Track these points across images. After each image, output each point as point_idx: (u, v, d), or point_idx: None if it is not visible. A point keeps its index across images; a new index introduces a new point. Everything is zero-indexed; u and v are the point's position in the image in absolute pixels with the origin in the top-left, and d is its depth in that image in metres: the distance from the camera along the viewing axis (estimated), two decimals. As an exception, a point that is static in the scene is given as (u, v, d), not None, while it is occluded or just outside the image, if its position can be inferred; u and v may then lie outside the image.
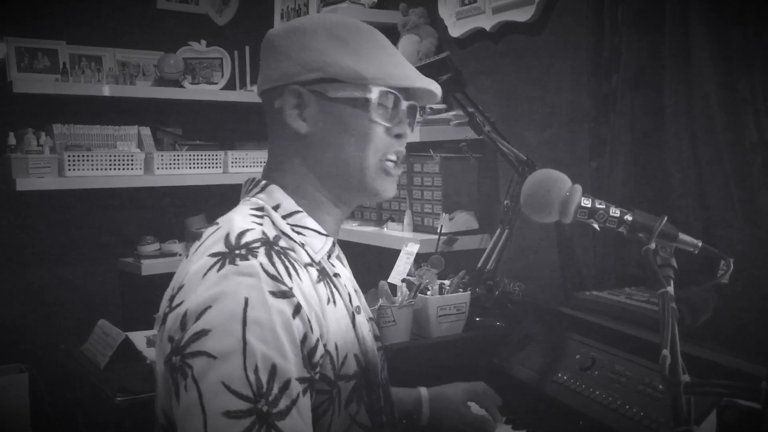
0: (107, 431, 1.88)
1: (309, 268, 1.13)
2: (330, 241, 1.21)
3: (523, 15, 2.30)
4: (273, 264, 1.05)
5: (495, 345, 1.84)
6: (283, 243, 1.10)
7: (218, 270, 1.03)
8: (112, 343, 1.90)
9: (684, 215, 1.74)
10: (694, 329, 1.37)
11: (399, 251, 2.15)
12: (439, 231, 2.35)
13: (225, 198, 3.36)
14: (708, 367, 1.26)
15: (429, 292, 1.95)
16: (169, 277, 1.13)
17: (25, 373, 2.81)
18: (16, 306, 3.04)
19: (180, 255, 3.18)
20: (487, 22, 2.43)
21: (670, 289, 0.98)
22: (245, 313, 0.99)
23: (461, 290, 1.99)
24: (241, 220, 1.12)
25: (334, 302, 1.15)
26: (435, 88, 1.22)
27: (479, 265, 2.11)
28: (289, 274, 1.06)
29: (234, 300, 0.99)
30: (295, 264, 1.09)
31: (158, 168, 3.13)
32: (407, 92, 1.20)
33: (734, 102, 1.66)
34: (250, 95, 3.42)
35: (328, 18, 1.23)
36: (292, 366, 1.00)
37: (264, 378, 0.97)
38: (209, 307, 0.99)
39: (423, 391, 1.51)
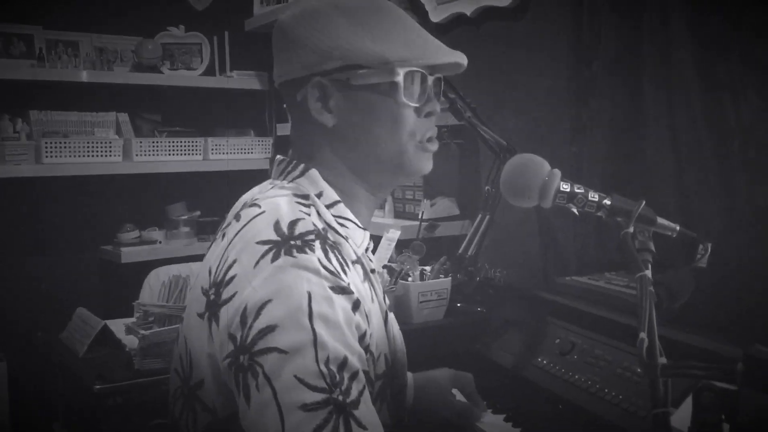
0: (86, 419, 1.86)
1: (356, 265, 1.11)
2: (368, 235, 1.18)
3: (503, 0, 2.29)
4: (329, 260, 1.02)
5: (476, 330, 1.84)
6: (331, 237, 1.07)
7: (272, 260, 0.99)
8: (90, 331, 1.88)
9: (663, 200, 1.75)
10: (671, 313, 1.38)
11: (380, 237, 2.15)
12: (420, 217, 2.35)
13: (205, 185, 3.39)
14: (685, 350, 1.27)
15: (410, 278, 1.95)
16: (148, 264, 1.12)
17: (3, 361, 2.78)
18: (-6, 294, 3.00)
19: (160, 242, 3.16)
20: (467, 7, 2.42)
21: (648, 272, 0.98)
22: (310, 306, 0.96)
23: (442, 276, 1.99)
24: (288, 206, 1.07)
25: (373, 300, 1.14)
26: (461, 58, 1.17)
27: (460, 251, 2.11)
28: (344, 271, 1.04)
29: (297, 293, 0.97)
30: (347, 260, 1.07)
31: (137, 155, 3.10)
32: (432, 66, 1.15)
33: (713, 87, 1.67)
34: (230, 81, 3.39)
35: (334, 2, 1.15)
36: (357, 360, 0.99)
37: (335, 369, 0.95)
38: (269, 301, 0.97)
39: (409, 375, 1.50)
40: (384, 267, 1.99)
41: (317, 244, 1.02)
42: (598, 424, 1.37)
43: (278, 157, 1.21)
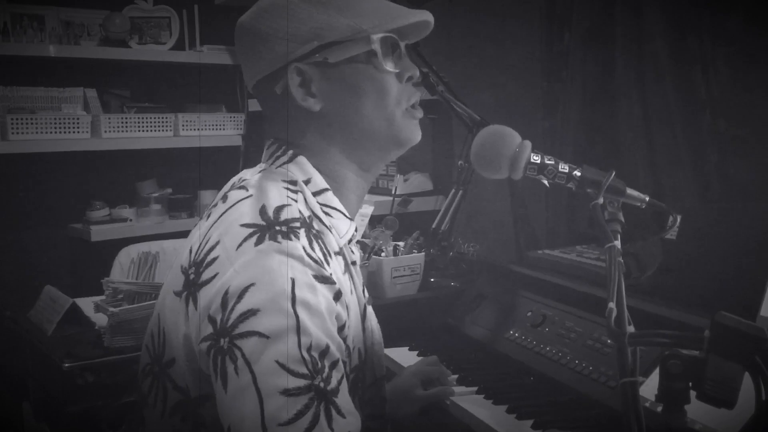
0: (56, 397, 1.85)
1: (337, 256, 1.09)
2: (353, 226, 1.16)
3: (476, -27, 2.28)
4: (313, 249, 1.01)
5: (449, 305, 1.85)
6: (316, 226, 1.06)
7: (256, 244, 0.98)
8: (59, 309, 1.85)
9: (634, 172, 1.76)
10: (640, 284, 1.39)
11: (353, 213, 2.14)
12: (393, 192, 2.35)
13: (177, 162, 3.34)
14: (654, 320, 1.29)
15: (383, 254, 1.94)
16: (119, 243, 1.09)
17: (-29, 341, 2.75)
18: (-39, 273, 2.95)
19: (130, 220, 3.11)
20: (440, -20, 2.40)
21: (617, 243, 0.98)
22: (293, 292, 0.95)
23: (416, 251, 1.99)
24: (275, 192, 1.06)
25: (352, 293, 1.12)
26: (428, 16, 1.15)
27: (433, 226, 2.11)
28: (327, 261, 1.03)
29: (281, 278, 0.95)
30: (329, 251, 1.06)
31: (105, 131, 3.04)
32: (401, 31, 1.13)
33: (683, 60, 1.68)
34: (200, 56, 3.33)
35: None
36: (337, 349, 0.98)
37: (317, 356, 0.94)
38: (252, 284, 0.95)
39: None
40: (357, 242, 1.98)
41: (302, 231, 1.01)
42: (568, 395, 1.38)
43: (268, 140, 1.19)
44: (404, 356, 1.69)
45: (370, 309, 1.22)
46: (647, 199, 1.11)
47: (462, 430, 1.38)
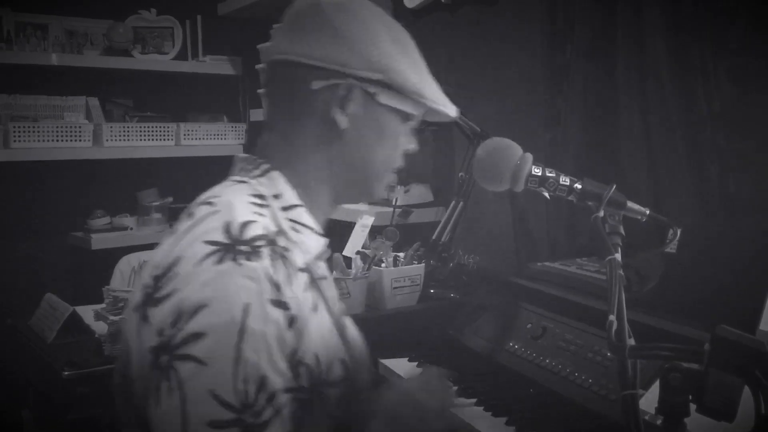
0: (56, 405, 1.84)
1: (301, 273, 1.07)
2: (325, 242, 1.16)
3: (478, -14, 2.29)
4: (275, 269, 1.00)
5: (449, 316, 1.85)
6: (282, 242, 1.04)
7: (217, 263, 0.96)
8: (59, 317, 1.86)
9: (635, 186, 1.77)
10: (641, 297, 1.39)
11: (354, 224, 2.14)
12: (394, 203, 2.35)
13: (178, 171, 3.35)
14: (654, 333, 1.29)
15: (383, 264, 1.95)
16: (120, 251, 1.09)
17: (-29, 349, 2.74)
18: (-38, 281, 2.95)
19: (131, 228, 3.12)
20: (442, -8, 2.41)
21: (618, 256, 0.98)
22: (244, 322, 0.94)
23: (416, 262, 1.99)
24: (242, 207, 1.04)
25: (317, 309, 1.10)
26: (456, 114, 1.21)
27: (434, 237, 2.11)
28: (289, 282, 1.02)
29: (234, 304, 0.94)
30: (292, 269, 1.04)
31: (107, 140, 3.05)
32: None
33: (685, 73, 1.68)
34: (202, 66, 3.35)
35: (380, 13, 1.16)
36: (279, 378, 0.97)
37: (252, 390, 0.94)
38: (206, 306, 0.94)
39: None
40: (357, 253, 1.99)
41: (266, 251, 1.00)
42: (569, 408, 1.38)
43: (240, 155, 1.19)
44: (404, 367, 1.68)
45: (347, 320, 1.20)
46: (648, 212, 1.12)
47: (461, 442, 1.37)
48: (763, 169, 1.59)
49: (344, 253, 2.01)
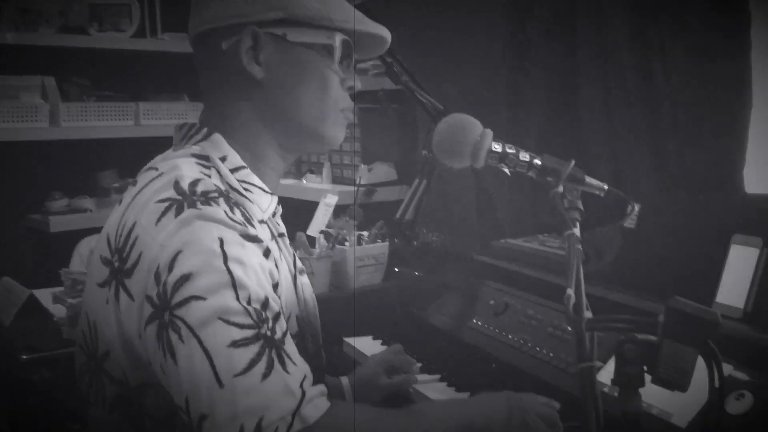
0: (15, 389, 1.81)
1: (262, 224, 1.08)
2: (275, 200, 1.15)
3: (440, -38, 2.28)
4: (234, 214, 0.99)
5: (413, 294, 1.86)
6: (234, 198, 1.04)
7: (176, 215, 0.96)
8: (16, 301, 1.82)
9: (595, 162, 1.79)
10: (599, 271, 1.41)
11: (317, 203, 2.13)
12: (357, 182, 2.34)
13: (137, 151, 3.25)
14: (612, 306, 1.31)
15: (347, 243, 1.94)
16: (79, 233, 1.07)
17: (-74, 335, 2.68)
18: None
19: (91, 210, 3.07)
20: (404, -31, 2.40)
21: (576, 230, 0.99)
22: (223, 249, 0.94)
23: (380, 241, 1.99)
24: (188, 168, 1.03)
25: (282, 260, 1.11)
26: (387, 34, 1.17)
27: (397, 215, 2.11)
28: (251, 225, 1.02)
29: (208, 239, 0.94)
30: (253, 218, 1.05)
31: (64, 120, 2.98)
32: (358, 42, 1.15)
33: (644, 50, 1.70)
34: (161, 44, 3.28)
35: None
36: (275, 303, 0.97)
37: (258, 307, 0.94)
38: (180, 252, 0.93)
39: (344, 380, 1.45)
40: (321, 232, 1.98)
41: (221, 200, 1.00)
42: (530, 382, 1.40)
43: (178, 122, 1.17)
44: (368, 345, 1.69)
45: (305, 279, 1.20)
46: (606, 187, 1.12)
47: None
48: (720, 145, 1.62)
49: (308, 232, 2.00)
